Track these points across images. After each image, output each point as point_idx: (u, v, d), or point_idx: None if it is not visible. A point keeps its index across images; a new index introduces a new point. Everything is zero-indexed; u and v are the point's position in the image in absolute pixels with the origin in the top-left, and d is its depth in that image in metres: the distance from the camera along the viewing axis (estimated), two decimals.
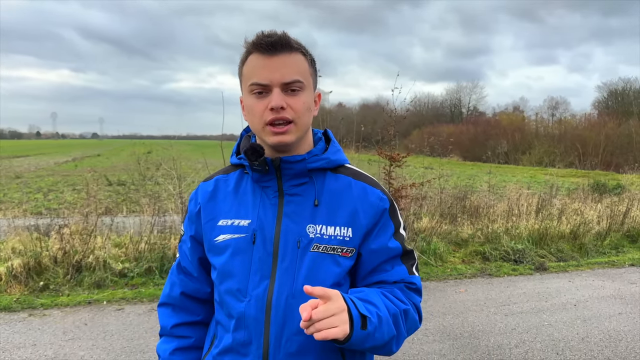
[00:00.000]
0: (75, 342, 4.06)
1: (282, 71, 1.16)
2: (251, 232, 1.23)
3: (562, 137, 36.88)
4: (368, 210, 1.25)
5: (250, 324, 1.20)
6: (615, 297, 5.51)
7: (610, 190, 14.40)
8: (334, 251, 1.21)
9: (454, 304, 5.21)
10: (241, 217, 1.26)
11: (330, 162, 1.28)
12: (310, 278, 1.19)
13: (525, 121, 49.87)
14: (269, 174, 1.24)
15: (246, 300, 1.21)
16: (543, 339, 4.28)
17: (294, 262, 1.20)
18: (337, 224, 1.23)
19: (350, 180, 1.29)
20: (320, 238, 1.21)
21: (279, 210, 1.24)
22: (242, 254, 1.22)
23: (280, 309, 1.19)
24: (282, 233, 1.22)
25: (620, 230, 8.25)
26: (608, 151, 30.36)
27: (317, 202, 1.24)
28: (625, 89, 47.75)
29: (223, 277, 1.26)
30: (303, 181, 1.26)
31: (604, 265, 7.01)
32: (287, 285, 1.20)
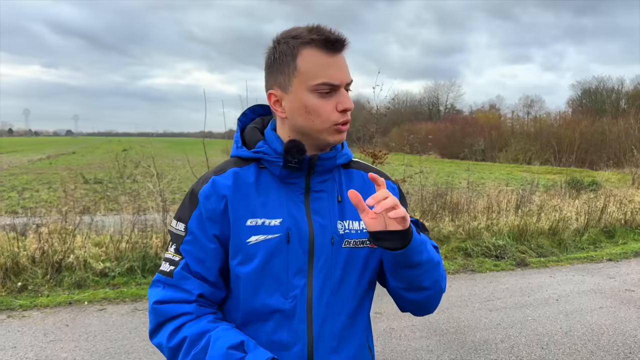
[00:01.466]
0: (57, 344, 3.96)
1: (345, 71, 1.15)
2: (285, 232, 1.17)
3: (538, 134, 37.52)
4: None
5: (293, 325, 1.17)
6: (595, 291, 5.62)
7: (586, 186, 14.71)
8: (362, 244, 1.23)
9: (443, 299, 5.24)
10: (271, 217, 1.18)
11: (347, 158, 1.29)
12: (347, 272, 1.21)
13: (501, 119, 50.59)
14: (301, 171, 1.20)
15: (288, 302, 1.17)
16: (528, 334, 4.33)
17: (329, 259, 1.20)
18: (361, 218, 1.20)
19: (363, 175, 1.30)
20: (349, 233, 1.22)
21: (307, 207, 1.21)
22: (278, 255, 1.16)
23: (321, 307, 1.18)
24: (316, 230, 1.19)
25: (597, 226, 8.42)
26: (582, 148, 31.01)
27: (340, 198, 1.25)
28: (598, 87, 48.83)
29: (258, 282, 1.17)
30: (327, 177, 1.25)
31: (582, 260, 7.15)
32: (326, 282, 1.19)
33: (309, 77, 1.12)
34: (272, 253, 1.16)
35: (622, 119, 30.27)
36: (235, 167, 1.23)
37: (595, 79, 50.38)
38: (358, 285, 1.24)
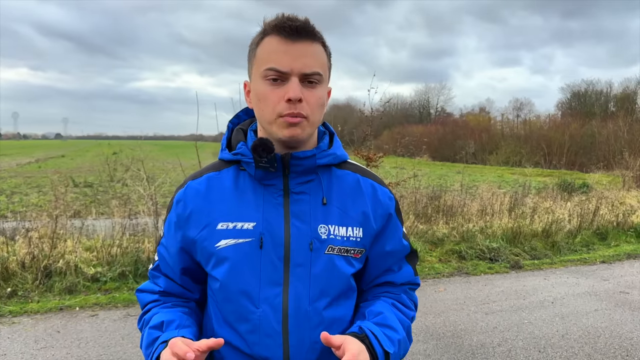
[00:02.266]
0: (48, 351, 3.88)
1: (303, 60, 1.06)
2: (258, 236, 1.11)
3: (528, 137, 37.76)
4: (378, 210, 1.21)
5: (267, 337, 1.11)
6: (590, 293, 5.62)
7: (577, 189, 14.80)
8: (347, 253, 1.15)
9: (434, 303, 5.21)
10: (244, 220, 1.13)
11: (336, 158, 1.20)
12: (326, 282, 1.13)
13: (491, 122, 50.88)
14: (275, 171, 1.13)
15: (259, 311, 1.11)
16: (524, 337, 4.31)
17: (307, 266, 1.12)
18: (349, 224, 1.16)
19: (357, 177, 1.23)
20: (334, 239, 1.14)
21: (286, 211, 1.13)
22: (249, 260, 1.11)
23: (299, 317, 1.11)
24: (293, 235, 1.12)
25: (590, 228, 8.45)
26: (572, 151, 31.20)
27: (325, 200, 1.16)
28: (587, 90, 49.27)
29: (229, 289, 1.12)
30: (310, 178, 1.17)
31: (576, 262, 7.16)
32: (303, 291, 1.12)
33: (260, 62, 1.08)
34: (242, 258, 1.11)
35: (611, 122, 30.50)
36: (212, 172, 1.21)
37: (585, 82, 50.82)
38: (342, 295, 1.16)
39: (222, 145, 1.23)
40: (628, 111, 32.54)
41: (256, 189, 1.16)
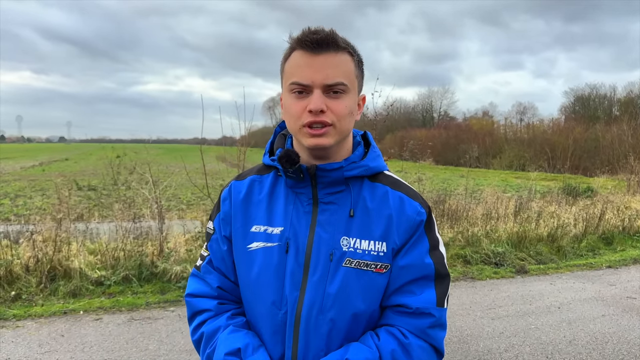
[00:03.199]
0: (52, 355, 3.86)
1: (326, 72, 1.08)
2: (284, 241, 1.16)
3: (532, 141, 37.66)
4: (403, 223, 1.17)
5: (282, 336, 1.16)
6: (597, 299, 5.57)
7: (581, 193, 14.73)
8: (367, 267, 1.14)
9: None
10: (274, 225, 1.18)
11: (368, 170, 1.20)
12: (340, 294, 1.13)
13: (495, 126, 50.80)
14: (304, 181, 1.17)
15: (281, 313, 1.15)
16: (532, 343, 4.27)
17: (325, 276, 1.13)
18: (371, 238, 1.15)
19: (387, 190, 1.20)
20: (354, 252, 1.14)
21: (313, 219, 1.16)
22: (276, 264, 1.15)
23: (310, 323, 1.13)
24: (315, 244, 1.14)
25: (595, 233, 8.39)
26: (576, 155, 31.10)
27: (352, 212, 1.16)
28: (591, 94, 49.16)
29: (256, 288, 1.18)
30: (339, 189, 1.18)
31: (582, 267, 7.11)
32: (317, 299, 1.13)
33: (287, 77, 1.13)
34: (270, 261, 1.15)
35: (615, 126, 30.41)
36: (255, 175, 1.27)
37: (588, 86, 50.73)
38: (356, 309, 1.14)
39: (265, 149, 1.28)
40: (632, 115, 32.43)
41: (288, 195, 1.20)
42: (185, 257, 6.03)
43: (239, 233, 1.21)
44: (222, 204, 1.26)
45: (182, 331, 4.40)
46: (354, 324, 1.15)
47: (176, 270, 5.68)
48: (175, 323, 4.60)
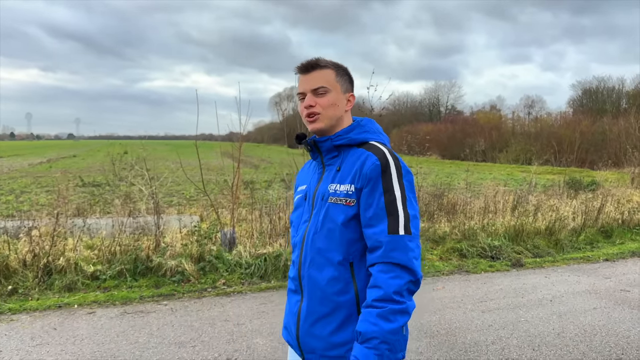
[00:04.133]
0: (43, 348, 3.93)
1: (311, 82, 1.68)
2: (304, 193, 1.80)
3: (539, 135, 37.40)
4: (364, 172, 1.60)
5: (297, 247, 1.75)
6: (590, 292, 5.57)
7: (585, 186, 14.65)
8: (340, 201, 1.63)
9: (431, 301, 5.20)
10: (304, 184, 1.84)
11: (352, 140, 1.70)
12: (327, 218, 1.65)
13: (502, 120, 50.48)
14: (316, 153, 1.77)
15: (297, 236, 1.76)
16: (519, 335, 4.29)
17: (320, 210, 1.68)
18: (345, 183, 1.64)
19: (363, 152, 1.66)
20: (334, 192, 1.66)
21: (320, 177, 1.75)
22: (300, 206, 1.81)
23: (308, 241, 1.69)
24: (318, 192, 1.72)
25: (594, 226, 8.36)
26: (583, 148, 30.89)
27: (339, 168, 1.69)
28: (599, 87, 48.70)
29: (292, 221, 1.87)
30: (334, 154, 1.73)
31: (579, 260, 7.09)
32: (314, 224, 1.68)
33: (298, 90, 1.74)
34: (298, 205, 1.82)
35: (623, 119, 30.14)
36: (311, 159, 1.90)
37: (596, 79, 50.23)
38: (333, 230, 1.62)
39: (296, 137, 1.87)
40: (638, 107, 32.05)
41: (314, 165, 1.85)
42: (181, 251, 6.08)
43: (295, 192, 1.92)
44: None
45: (173, 324, 4.46)
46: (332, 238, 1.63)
47: (171, 265, 5.74)
48: (167, 316, 4.66)
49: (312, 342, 1.64)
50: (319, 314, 1.63)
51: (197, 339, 4.15)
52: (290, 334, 1.75)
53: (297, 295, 1.74)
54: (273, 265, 6.13)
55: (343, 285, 1.59)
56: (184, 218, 7.62)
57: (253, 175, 20.05)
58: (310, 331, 1.65)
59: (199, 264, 5.96)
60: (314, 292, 1.64)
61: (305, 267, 1.67)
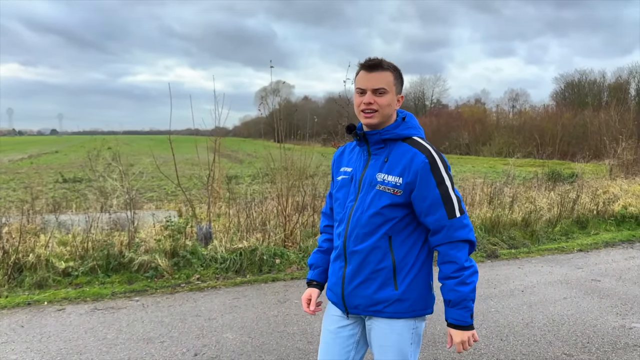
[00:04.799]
0: (8, 346, 3.87)
1: (373, 82, 1.89)
2: (350, 176, 2.05)
3: (521, 128, 37.73)
4: (412, 168, 1.87)
5: (344, 222, 2.02)
6: (562, 282, 5.63)
7: (564, 178, 14.81)
8: (388, 190, 1.90)
9: None
10: (349, 166, 2.09)
11: (397, 135, 1.95)
12: (373, 202, 1.92)
13: (486, 113, 50.80)
14: (363, 142, 2.00)
15: (343, 213, 2.04)
16: (489, 326, 4.32)
17: (367, 193, 1.95)
18: (393, 174, 1.90)
19: (409, 148, 1.92)
20: (382, 181, 1.92)
21: (366, 164, 2.00)
22: (346, 186, 2.05)
23: (355, 215, 1.96)
24: (365, 177, 1.98)
25: (570, 217, 8.46)
26: (565, 141, 31.22)
27: (387, 159, 1.94)
28: (581, 80, 49.22)
29: (337, 197, 2.10)
30: (381, 146, 1.97)
31: (553, 251, 7.18)
32: (361, 205, 1.96)
33: (355, 84, 1.97)
34: (344, 185, 2.06)
35: (603, 112, 30.47)
36: (348, 143, 2.20)
37: (578, 72, 50.75)
38: (379, 213, 1.91)
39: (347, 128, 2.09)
40: (620, 100, 32.47)
41: (358, 151, 2.07)
42: (155, 247, 6.03)
43: (336, 172, 2.17)
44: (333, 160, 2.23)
45: (143, 320, 4.42)
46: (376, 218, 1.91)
47: (143, 260, 5.69)
48: (138, 312, 4.62)
49: (356, 300, 1.99)
50: (362, 278, 1.97)
51: (166, 335, 4.12)
52: (335, 294, 2.07)
53: (341, 262, 2.04)
54: (249, 260, 6.11)
55: (382, 255, 1.93)
56: (160, 213, 7.56)
57: (238, 170, 19.98)
58: (354, 292, 1.98)
59: (172, 259, 5.92)
60: (357, 260, 1.97)
61: (351, 239, 1.97)
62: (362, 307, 1.97)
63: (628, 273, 5.98)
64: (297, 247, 6.82)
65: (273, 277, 5.82)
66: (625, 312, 4.64)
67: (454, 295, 1.91)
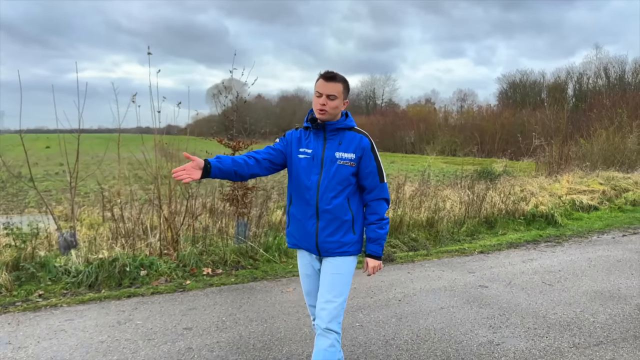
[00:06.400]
0: None
1: (328, 89, 2.61)
2: (311, 155, 2.70)
3: (463, 127, 38.20)
4: (359, 147, 2.67)
5: (312, 189, 2.68)
6: (447, 289, 5.20)
7: (496, 176, 14.71)
8: (346, 163, 2.65)
9: (269, 307, 4.65)
10: (309, 148, 2.72)
11: (346, 126, 2.71)
12: (337, 173, 2.64)
13: (429, 112, 51.31)
14: (320, 130, 2.71)
15: (310, 181, 2.68)
16: (344, 344, 3.80)
17: (330, 167, 2.66)
18: (348, 152, 2.66)
19: (356, 134, 2.71)
20: (341, 157, 2.65)
21: (324, 146, 2.69)
22: (309, 163, 2.70)
23: (323, 184, 2.65)
24: (325, 156, 2.67)
25: (476, 217, 8.14)
26: (503, 139, 31.70)
27: (340, 142, 2.68)
28: (522, 80, 50.44)
29: (299, 172, 2.72)
30: (334, 133, 2.70)
31: (453, 253, 6.79)
32: (326, 177, 2.65)
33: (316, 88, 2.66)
34: (307, 162, 2.70)
35: (540, 111, 31.10)
36: (301, 129, 2.82)
37: (519, 72, 52.02)
38: (341, 181, 2.65)
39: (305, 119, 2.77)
40: (555, 100, 33.27)
41: (314, 137, 2.73)
42: None
43: (294, 151, 2.76)
44: (287, 135, 2.83)
45: None
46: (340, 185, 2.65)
47: None
48: None
49: (327, 245, 2.69)
50: (332, 228, 2.67)
51: None
52: (310, 244, 2.74)
53: (313, 219, 2.69)
54: (107, 272, 5.40)
55: (345, 211, 2.67)
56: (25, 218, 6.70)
57: None
58: (326, 239, 2.68)
59: (14, 273, 5.14)
60: (328, 216, 2.66)
61: (322, 201, 2.64)
62: (331, 250, 2.70)
63: (520, 278, 5.62)
64: (176, 256, 6.16)
65: (132, 292, 5.14)
66: (499, 325, 4.23)
67: (374, 235, 2.73)
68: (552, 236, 7.94)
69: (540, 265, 6.15)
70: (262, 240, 6.62)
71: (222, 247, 6.33)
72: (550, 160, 15.43)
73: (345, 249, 2.69)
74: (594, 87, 44.66)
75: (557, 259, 6.51)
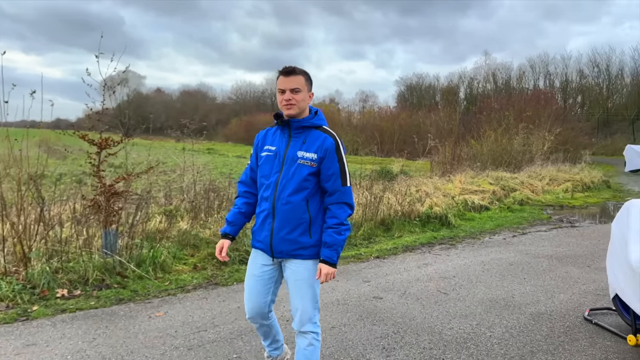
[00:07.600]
0: None
1: (290, 84, 2.64)
2: (274, 153, 2.74)
3: (365, 127, 38.91)
4: (323, 147, 2.66)
5: (270, 188, 2.71)
6: (340, 303, 4.72)
7: (394, 176, 14.76)
8: (306, 163, 2.65)
9: (130, 339, 3.87)
10: (273, 145, 2.76)
11: (312, 124, 2.72)
12: (296, 172, 2.65)
13: (334, 112, 51.91)
14: (286, 127, 2.73)
15: (270, 180, 2.72)
16: None
17: (290, 166, 2.67)
18: (310, 152, 2.66)
19: (321, 134, 2.71)
20: (302, 157, 2.66)
21: (288, 144, 2.71)
22: (270, 161, 2.74)
23: (281, 185, 2.67)
24: (287, 154, 2.68)
25: (373, 219, 7.84)
26: (401, 139, 32.60)
27: (305, 141, 2.68)
28: (418, 83, 52.58)
29: (261, 169, 2.80)
30: (300, 131, 2.71)
31: (349, 260, 6.37)
32: (286, 176, 2.67)
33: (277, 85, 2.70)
34: (268, 160, 2.75)
35: (434, 113, 32.39)
36: (269, 127, 2.89)
37: (416, 76, 54.21)
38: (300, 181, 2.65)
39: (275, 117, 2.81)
40: (449, 102, 34.90)
41: (279, 134, 2.77)
42: None
43: (260, 149, 2.84)
44: (255, 140, 2.92)
45: None
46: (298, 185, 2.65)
47: None
48: None
49: (281, 246, 2.71)
50: (287, 229, 2.69)
51: None
52: (264, 244, 2.76)
53: (269, 218, 2.72)
54: None
55: (302, 212, 2.68)
56: None
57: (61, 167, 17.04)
58: (281, 240, 2.69)
59: None
60: (284, 216, 2.68)
61: (279, 201, 2.68)
62: (285, 252, 2.71)
63: (415, 286, 5.31)
64: (24, 275, 5.14)
65: None
66: (393, 345, 3.80)
67: (330, 239, 2.65)
68: (446, 238, 7.84)
69: (435, 271, 5.90)
70: (135, 252, 5.75)
71: (83, 262, 5.39)
72: (444, 160, 15.81)
73: (300, 252, 2.69)
74: (483, 90, 47.73)
75: (452, 262, 6.33)
